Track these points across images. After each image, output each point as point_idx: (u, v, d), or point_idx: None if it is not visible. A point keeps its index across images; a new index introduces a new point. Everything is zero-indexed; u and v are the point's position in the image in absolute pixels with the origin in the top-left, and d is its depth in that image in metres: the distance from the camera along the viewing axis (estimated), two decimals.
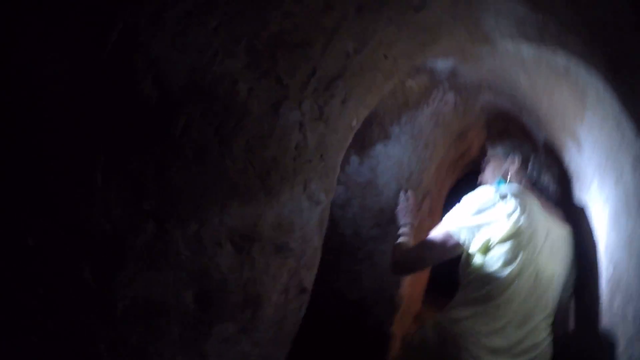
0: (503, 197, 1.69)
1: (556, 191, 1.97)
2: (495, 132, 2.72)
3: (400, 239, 2.05)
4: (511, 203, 1.67)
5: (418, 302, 3.12)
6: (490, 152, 2.04)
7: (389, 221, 2.46)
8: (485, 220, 1.68)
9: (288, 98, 1.46)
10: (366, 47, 1.53)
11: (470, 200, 1.74)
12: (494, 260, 1.67)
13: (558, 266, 1.76)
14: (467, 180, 2.63)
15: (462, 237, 1.69)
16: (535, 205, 1.73)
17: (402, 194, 2.46)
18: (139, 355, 1.24)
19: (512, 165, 1.94)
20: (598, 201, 1.76)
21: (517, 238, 1.65)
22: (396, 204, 2.42)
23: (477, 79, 2.21)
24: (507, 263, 1.66)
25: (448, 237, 1.73)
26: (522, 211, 1.66)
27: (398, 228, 2.22)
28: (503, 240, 1.67)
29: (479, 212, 1.69)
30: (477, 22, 1.40)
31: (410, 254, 1.85)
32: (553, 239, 1.74)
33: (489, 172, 2.07)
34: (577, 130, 1.81)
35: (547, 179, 1.91)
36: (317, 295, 2.65)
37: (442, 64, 2.14)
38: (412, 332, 1.99)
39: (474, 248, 1.71)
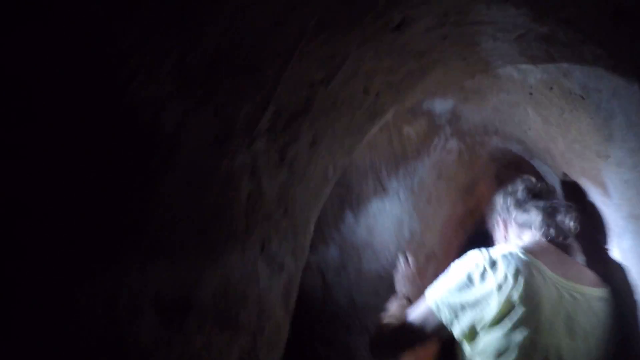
0: (492, 263, 1.38)
1: (581, 246, 1.61)
2: (508, 182, 2.38)
3: (389, 313, 1.69)
4: (501, 271, 1.34)
5: None
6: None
7: (389, 289, 2.10)
8: (468, 298, 1.37)
9: (233, 135, 1.17)
10: (337, 77, 1.25)
11: (453, 270, 1.46)
12: (485, 351, 1.35)
13: (589, 342, 1.39)
14: (478, 240, 2.27)
15: (444, 316, 1.39)
16: (539, 268, 1.40)
17: (400, 258, 2.12)
18: None
19: (498, 228, 1.75)
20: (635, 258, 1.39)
21: (513, 317, 1.33)
22: (395, 270, 2.09)
23: (481, 121, 1.90)
24: (501, 353, 1.31)
25: (428, 314, 1.45)
26: (516, 279, 1.34)
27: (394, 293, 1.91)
28: (494, 323, 1.35)
29: (461, 287, 1.39)
30: (471, 42, 1.11)
31: (389, 334, 1.52)
32: (577, 309, 1.40)
33: (496, 236, 1.75)
34: (600, 171, 1.46)
35: (566, 232, 1.56)
36: None
37: (441, 105, 1.85)
38: None
39: (458, 334, 1.39)
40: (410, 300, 1.88)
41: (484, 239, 1.95)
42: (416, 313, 1.48)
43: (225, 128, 1.17)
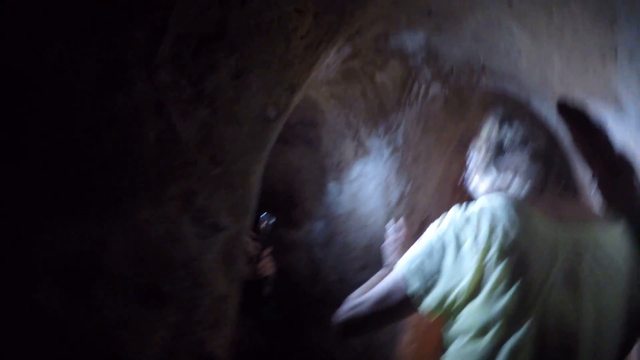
0: (467, 219, 1.14)
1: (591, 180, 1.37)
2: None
3: (364, 285, 1.44)
4: (477, 226, 1.11)
5: (436, 355, 2.39)
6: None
7: (379, 261, 1.84)
8: (440, 263, 1.14)
9: (127, 65, 0.99)
10: None
11: (426, 234, 1.22)
12: (465, 327, 1.11)
13: (601, 301, 1.11)
14: None
15: (412, 287, 1.15)
16: (527, 214, 1.13)
17: (390, 225, 1.86)
18: None
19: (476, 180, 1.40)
20: None
21: (493, 280, 1.08)
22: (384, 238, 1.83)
23: (463, 55, 1.64)
24: (483, 327, 1.08)
25: (395, 285, 1.20)
26: (493, 233, 1.09)
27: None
28: (471, 292, 1.10)
29: (432, 251, 1.16)
30: None
31: (355, 308, 1.24)
32: (583, 259, 1.12)
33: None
34: (610, 80, 1.17)
35: (567, 170, 1.29)
36: (302, 356, 2.08)
37: (412, 40, 1.59)
38: None
39: (429, 307, 1.14)
40: None
41: None
42: (382, 285, 1.22)
43: (117, 58, 0.98)
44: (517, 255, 1.07)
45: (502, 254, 1.07)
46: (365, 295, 1.25)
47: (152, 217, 1.08)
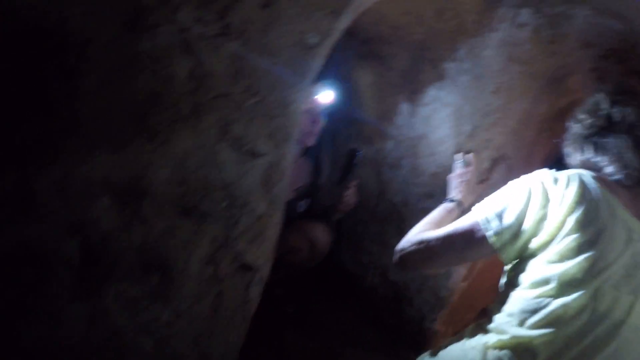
0: (556, 181, 1.16)
1: None
2: (610, 83, 1.78)
3: (428, 219, 1.46)
4: (564, 190, 1.13)
5: (486, 298, 2.32)
6: None
7: (444, 192, 1.80)
8: (521, 215, 1.15)
9: (145, 10, 1.01)
10: None
11: (510, 185, 1.25)
12: (523, 280, 1.14)
13: None
14: None
15: (491, 232, 1.17)
16: (609, 200, 1.14)
17: (457, 157, 1.78)
18: (18, 307, 1.09)
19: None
20: None
21: (562, 244, 1.09)
22: (451, 170, 1.77)
23: None
24: (538, 283, 1.10)
25: (473, 228, 1.21)
26: (578, 202, 1.11)
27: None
28: (541, 248, 1.13)
29: (515, 202, 1.17)
30: None
31: (423, 243, 1.27)
32: None
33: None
34: None
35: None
36: (361, 271, 2.17)
37: None
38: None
39: (504, 255, 1.17)
40: (462, 206, 1.58)
41: None
42: (460, 224, 1.24)
43: (136, 4, 1.04)
44: (596, 229, 1.08)
45: (583, 221, 1.09)
46: (437, 231, 1.28)
47: (191, 146, 1.17)
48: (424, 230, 1.35)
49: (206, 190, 1.22)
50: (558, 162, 1.37)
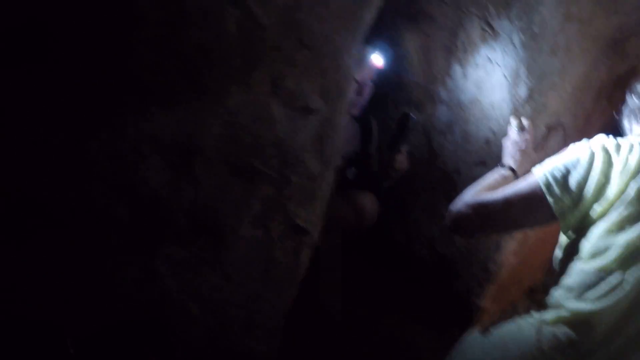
0: (618, 147, 1.13)
1: None
2: None
3: (483, 182, 1.37)
4: (628, 157, 1.09)
5: (535, 275, 2.23)
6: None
7: (497, 159, 1.72)
8: (584, 178, 1.11)
9: None
10: None
11: (571, 147, 1.20)
12: (581, 249, 1.10)
13: None
14: None
15: (552, 195, 1.12)
16: None
17: (513, 122, 1.70)
18: (79, 260, 1.11)
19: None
20: None
21: (624, 213, 1.06)
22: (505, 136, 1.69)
23: None
24: (596, 253, 1.07)
25: (534, 191, 1.15)
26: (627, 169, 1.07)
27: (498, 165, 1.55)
28: (601, 215, 1.08)
29: (578, 165, 1.13)
30: None
31: (480, 206, 1.21)
32: None
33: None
34: None
35: None
36: (409, 242, 2.12)
37: None
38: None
39: (564, 220, 1.13)
40: (516, 175, 1.51)
41: None
42: (518, 187, 1.19)
43: None
44: None
45: None
46: (495, 194, 1.23)
47: (242, 102, 1.15)
48: (476, 192, 1.29)
49: (258, 148, 1.19)
50: (615, 134, 1.31)
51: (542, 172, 1.15)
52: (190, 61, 1.07)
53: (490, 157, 1.82)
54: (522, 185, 1.18)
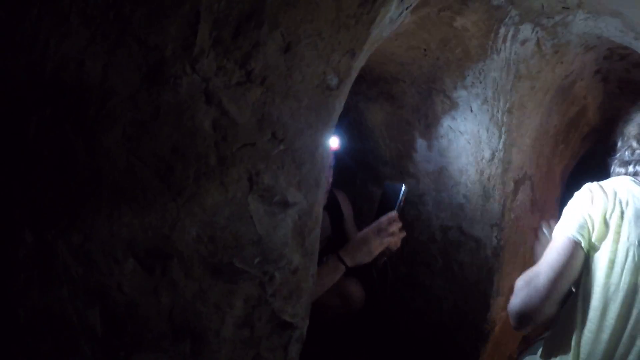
0: (607, 189, 1.30)
1: None
2: (614, 80, 1.81)
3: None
4: (599, 197, 1.28)
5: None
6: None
7: (471, 221, 1.76)
8: (594, 218, 1.28)
9: (166, 63, 1.03)
10: None
11: (577, 195, 1.36)
12: (594, 274, 1.27)
13: None
14: (593, 159, 1.83)
15: (581, 237, 1.28)
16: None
17: (542, 226, 1.71)
18: None
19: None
20: None
21: (611, 248, 1.25)
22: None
23: None
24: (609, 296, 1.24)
25: (571, 243, 1.28)
26: (614, 208, 1.27)
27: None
28: (595, 247, 1.28)
29: (584, 214, 1.29)
30: None
31: (531, 284, 1.27)
32: None
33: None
34: None
35: None
36: (394, 316, 2.09)
37: None
38: None
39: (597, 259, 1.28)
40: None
41: (599, 162, 1.57)
42: (558, 248, 1.28)
43: (156, 57, 1.02)
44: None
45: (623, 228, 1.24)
46: (536, 269, 1.28)
47: (219, 201, 1.13)
48: (529, 279, 1.31)
49: (237, 247, 1.17)
50: (576, 174, 1.39)
51: (570, 232, 1.27)
52: (164, 161, 1.06)
53: (463, 220, 1.87)
54: (560, 253, 1.27)
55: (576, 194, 1.34)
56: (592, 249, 1.28)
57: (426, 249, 1.98)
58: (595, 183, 1.33)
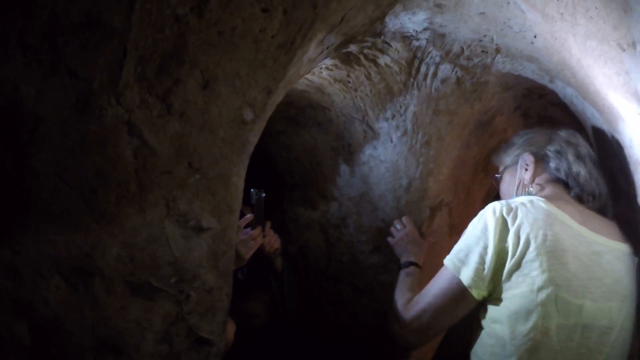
0: (509, 211, 1.28)
1: (607, 195, 1.46)
2: (534, 116, 2.01)
3: (400, 291, 1.53)
4: (519, 220, 1.25)
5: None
6: (497, 164, 1.64)
7: (390, 245, 1.92)
8: (485, 250, 1.26)
9: (93, 94, 1.13)
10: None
11: (469, 227, 1.34)
12: (504, 314, 1.25)
13: (611, 304, 1.27)
14: None
15: (464, 275, 1.29)
16: (562, 219, 1.29)
17: (395, 224, 1.92)
18: None
19: (526, 169, 1.50)
20: None
21: (533, 272, 1.22)
22: (390, 233, 1.90)
23: (473, 35, 1.62)
24: (519, 316, 1.23)
25: (451, 279, 1.31)
26: (535, 229, 1.24)
27: (399, 267, 1.73)
28: (510, 275, 1.25)
29: (477, 240, 1.29)
30: None
31: (416, 320, 1.37)
32: (601, 266, 1.28)
33: (504, 189, 1.61)
34: (629, 75, 1.20)
35: (587, 177, 1.42)
36: (320, 332, 2.23)
37: (411, 22, 1.57)
38: None
39: (478, 291, 1.29)
40: (419, 266, 1.69)
41: None
42: (438, 285, 1.33)
43: (84, 88, 1.12)
44: (558, 255, 1.23)
45: (545, 251, 1.21)
46: (419, 301, 1.36)
47: (138, 224, 1.23)
48: (405, 303, 1.44)
49: (155, 267, 1.27)
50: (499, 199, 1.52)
51: (449, 260, 1.30)
52: (88, 185, 1.16)
53: (383, 244, 2.02)
54: (439, 282, 1.32)
55: (478, 218, 1.31)
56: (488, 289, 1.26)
57: (349, 269, 2.13)
58: (501, 203, 1.29)
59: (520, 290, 1.22)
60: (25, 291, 1.16)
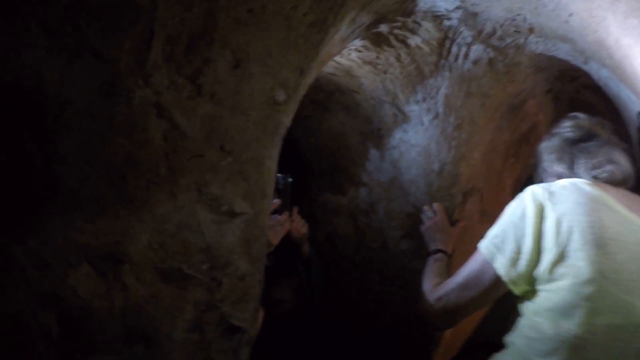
0: (551, 195, 1.19)
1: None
2: (565, 100, 1.95)
3: (428, 275, 1.52)
4: (560, 203, 1.16)
5: (474, 324, 2.39)
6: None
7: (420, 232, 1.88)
8: (523, 238, 1.19)
9: (120, 76, 1.10)
10: None
11: (506, 211, 1.26)
12: (546, 308, 1.17)
13: None
14: None
15: (498, 263, 1.21)
16: (607, 202, 1.18)
17: (425, 210, 1.88)
18: None
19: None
20: None
21: (577, 264, 1.12)
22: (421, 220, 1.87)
23: (506, 14, 1.56)
24: (564, 310, 1.13)
25: (483, 265, 1.26)
26: (577, 213, 1.14)
27: (428, 254, 1.70)
28: (552, 268, 1.15)
29: (515, 226, 1.21)
30: None
31: (443, 299, 1.35)
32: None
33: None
34: None
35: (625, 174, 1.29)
36: (347, 320, 2.20)
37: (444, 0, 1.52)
38: None
39: (514, 283, 1.21)
40: (448, 254, 1.66)
41: None
42: (468, 267, 1.29)
43: (111, 70, 1.09)
44: (604, 244, 1.11)
45: (589, 239, 1.11)
46: (449, 282, 1.34)
47: (169, 209, 1.21)
48: (434, 285, 1.42)
49: (186, 253, 1.25)
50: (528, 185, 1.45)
51: (484, 245, 1.25)
52: (117, 170, 1.14)
53: (413, 230, 1.98)
54: (471, 264, 1.28)
55: (516, 201, 1.23)
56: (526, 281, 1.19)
57: (379, 256, 2.09)
58: (542, 187, 1.21)
59: (564, 282, 1.12)
60: (53, 280, 1.14)
